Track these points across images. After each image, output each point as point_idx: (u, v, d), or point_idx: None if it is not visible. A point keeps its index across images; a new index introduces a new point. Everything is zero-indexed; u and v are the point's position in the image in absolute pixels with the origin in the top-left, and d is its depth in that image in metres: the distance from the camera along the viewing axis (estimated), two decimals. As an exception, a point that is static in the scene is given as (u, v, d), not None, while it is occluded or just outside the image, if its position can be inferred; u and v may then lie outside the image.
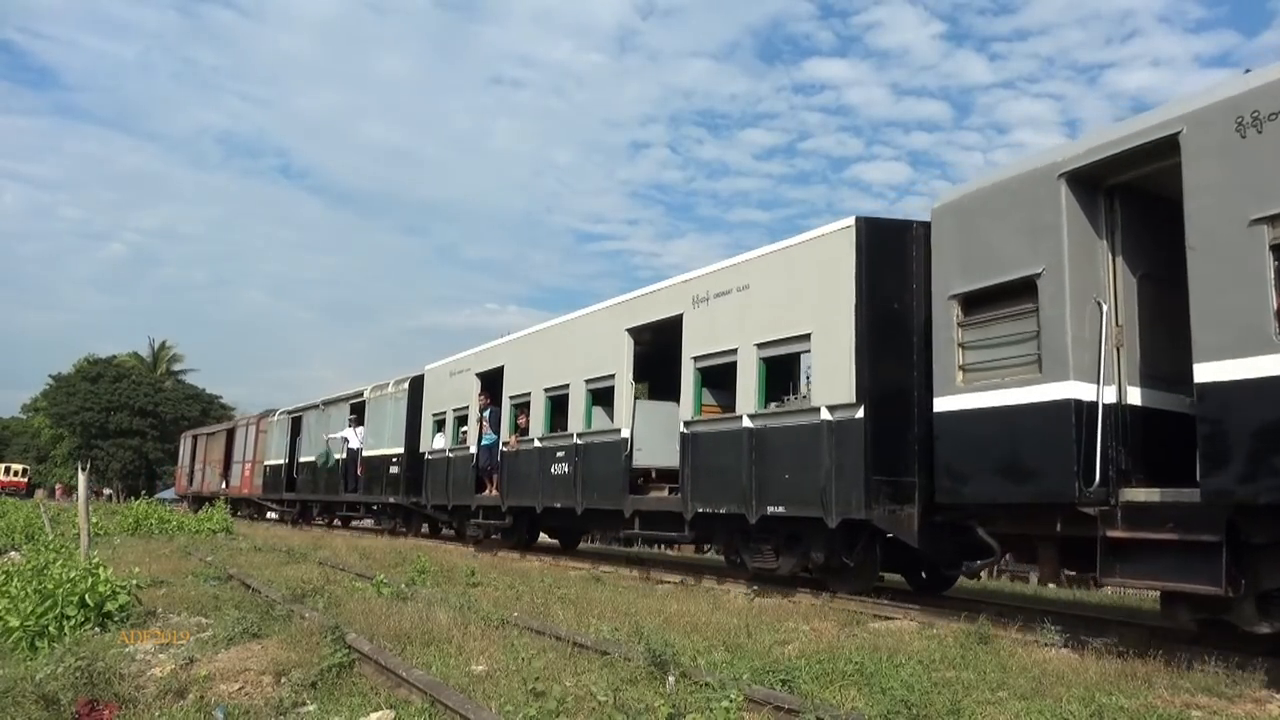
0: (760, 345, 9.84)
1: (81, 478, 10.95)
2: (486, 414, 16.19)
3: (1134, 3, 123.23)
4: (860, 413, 8.45)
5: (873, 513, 8.23)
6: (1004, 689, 5.21)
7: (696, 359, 10.93)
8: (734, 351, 10.20)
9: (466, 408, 17.09)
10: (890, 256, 8.71)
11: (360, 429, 22.30)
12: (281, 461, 27.29)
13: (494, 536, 17.30)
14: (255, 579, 10.07)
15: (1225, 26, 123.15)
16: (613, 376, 12.50)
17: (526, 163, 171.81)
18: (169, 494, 55.86)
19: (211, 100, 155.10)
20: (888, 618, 8.24)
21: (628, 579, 11.56)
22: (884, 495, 8.27)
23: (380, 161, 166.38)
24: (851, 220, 8.79)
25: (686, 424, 10.85)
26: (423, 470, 18.63)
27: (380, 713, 4.81)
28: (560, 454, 13.48)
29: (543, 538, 18.27)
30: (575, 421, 13.23)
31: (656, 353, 12.41)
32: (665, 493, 11.86)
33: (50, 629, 6.98)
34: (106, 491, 55.81)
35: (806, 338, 9.25)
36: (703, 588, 10.51)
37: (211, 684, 5.47)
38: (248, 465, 30.68)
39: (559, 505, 13.51)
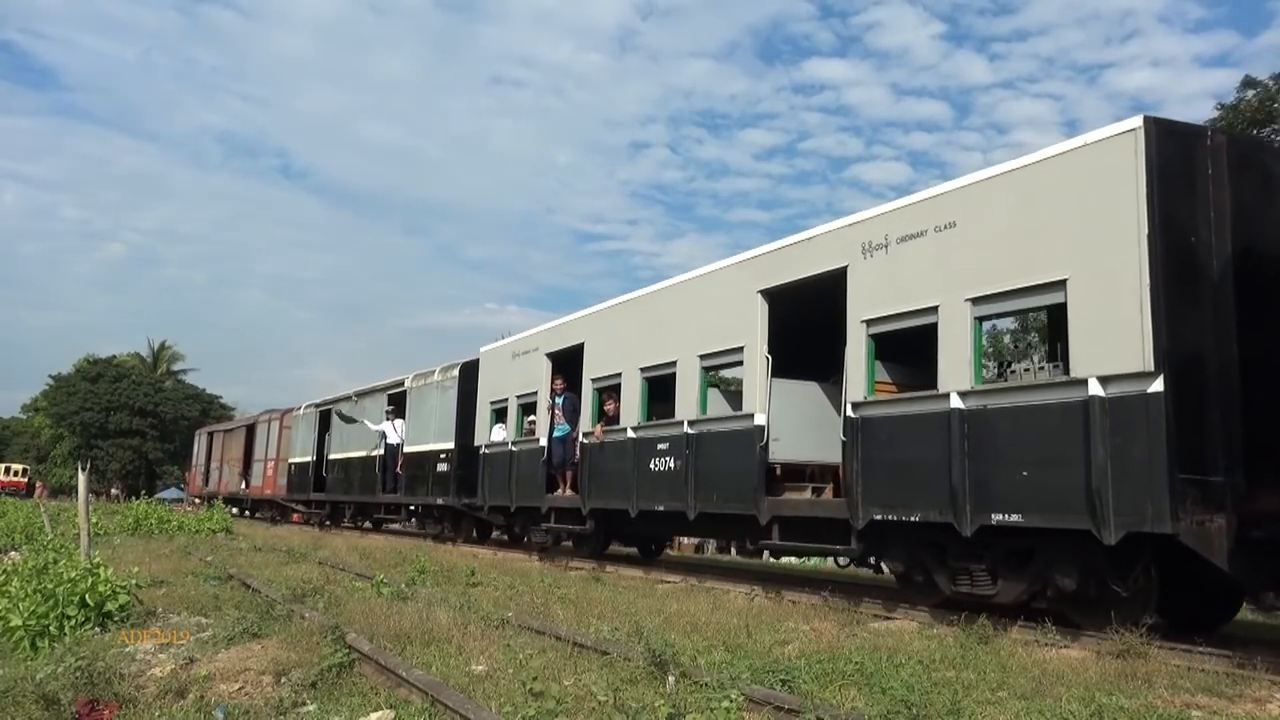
0: (976, 300, 7.53)
1: (81, 478, 10.95)
2: (560, 401, 14.00)
3: (1134, 3, 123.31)
4: (1157, 385, 6.15)
5: (1179, 524, 6.02)
6: (1004, 689, 5.21)
7: (869, 323, 8.53)
8: (930, 310, 7.88)
9: (534, 394, 14.71)
10: (1184, 174, 6.64)
11: (399, 422, 20.19)
12: (308, 459, 25.02)
13: (564, 543, 15.13)
14: (255, 579, 10.08)
15: (1225, 27, 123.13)
16: (740, 350, 10.15)
17: (526, 163, 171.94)
18: (169, 494, 55.95)
19: (211, 100, 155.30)
20: (888, 618, 8.24)
21: (628, 579, 11.55)
22: (1190, 501, 6.11)
23: (380, 161, 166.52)
24: (1138, 122, 6.54)
25: (855, 406, 8.51)
26: (478, 467, 16.31)
27: (380, 713, 4.81)
28: (663, 446, 11.23)
29: (612, 546, 15.47)
30: (686, 407, 10.94)
31: (795, 320, 10.15)
32: (807, 493, 9.79)
33: (50, 629, 6.99)
34: (114, 491, 55.60)
35: (1058, 285, 6.88)
36: (703, 588, 10.50)
37: (211, 684, 5.47)
38: (270, 464, 28.60)
39: (661, 508, 11.16)
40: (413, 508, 20.08)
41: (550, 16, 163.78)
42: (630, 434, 11.95)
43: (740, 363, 10.20)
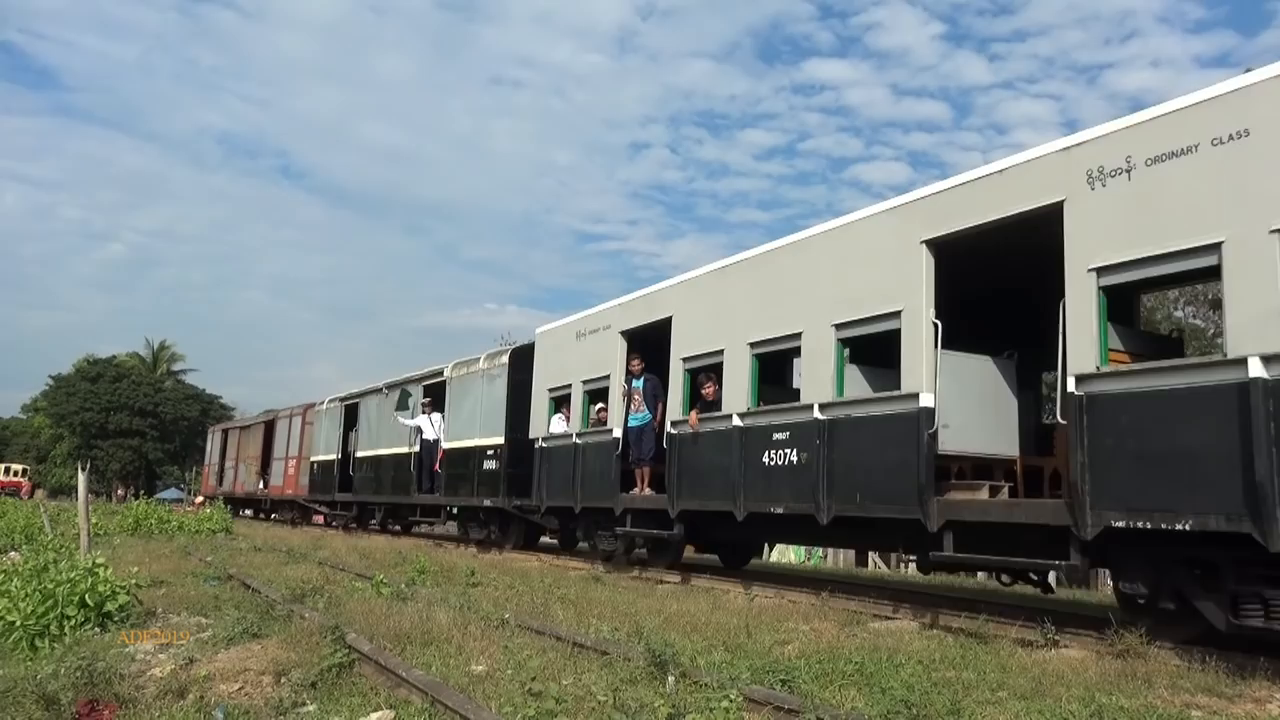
0: None
1: (81, 478, 10.97)
2: (639, 384, 12.18)
3: (1133, 3, 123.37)
4: None
5: None
6: (1004, 689, 5.20)
7: (1102, 271, 6.63)
8: (1207, 250, 6.00)
9: (605, 378, 12.84)
10: None
11: (437, 416, 18.33)
12: (333, 457, 23.33)
13: (639, 550, 13.02)
14: (255, 579, 10.07)
15: (1224, 27, 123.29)
16: (895, 316, 8.20)
17: (526, 163, 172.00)
18: (169, 494, 55.94)
19: (211, 100, 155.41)
20: (888, 618, 8.24)
21: (628, 579, 11.54)
22: None
23: (380, 162, 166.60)
24: None
25: (1081, 380, 6.66)
26: (535, 464, 14.38)
27: (380, 713, 4.81)
28: (782, 436, 9.36)
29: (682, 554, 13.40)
30: (815, 387, 9.04)
31: (966, 278, 8.26)
32: (984, 493, 7.88)
33: (50, 629, 6.99)
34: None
35: None
36: (703, 588, 10.49)
37: (211, 684, 5.47)
38: (291, 462, 26.66)
39: (779, 511, 9.29)
40: (453, 510, 18.32)
41: (550, 17, 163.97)
42: (736, 422, 10.03)
43: (896, 331, 8.20)
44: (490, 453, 15.93)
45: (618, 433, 12.32)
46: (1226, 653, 5.97)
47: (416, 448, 18.70)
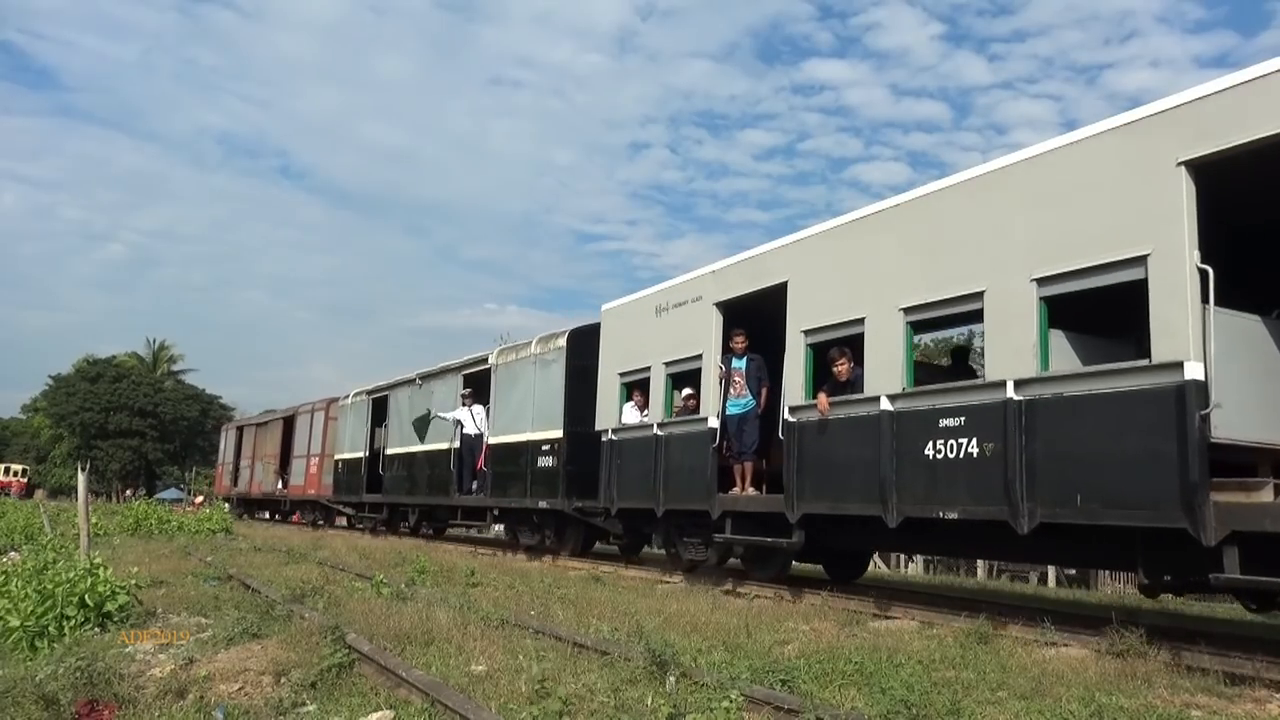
0: None
1: (81, 478, 10.96)
2: (741, 364, 10.35)
3: (1133, 3, 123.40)
4: None
5: None
6: (1004, 689, 5.21)
7: None
8: None
9: (695, 358, 10.95)
10: None
11: (479, 408, 16.68)
12: (360, 454, 21.71)
13: (734, 558, 11.48)
14: (255, 579, 10.07)
15: (1224, 27, 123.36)
16: (1136, 263, 6.29)
17: (526, 163, 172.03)
18: (169, 494, 55.94)
19: (211, 101, 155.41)
20: (888, 618, 8.24)
21: (628, 579, 11.53)
22: None
23: (380, 162, 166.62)
24: None
25: None
26: (603, 460, 12.56)
27: (380, 713, 4.81)
28: (954, 423, 7.50)
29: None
30: (1006, 359, 7.09)
31: (1226, 213, 6.61)
32: (1266, 494, 5.91)
33: (50, 629, 6.98)
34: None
35: None
36: (703, 588, 10.49)
37: (211, 684, 5.47)
38: (313, 460, 25.04)
39: (953, 515, 7.41)
40: (497, 512, 16.62)
41: (550, 17, 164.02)
42: (885, 405, 8.15)
43: (1138, 283, 6.27)
44: (546, 448, 14.15)
45: (714, 422, 10.45)
46: (1226, 653, 5.97)
47: (456, 443, 16.91)
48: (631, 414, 12.28)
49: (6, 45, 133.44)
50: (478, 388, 16.93)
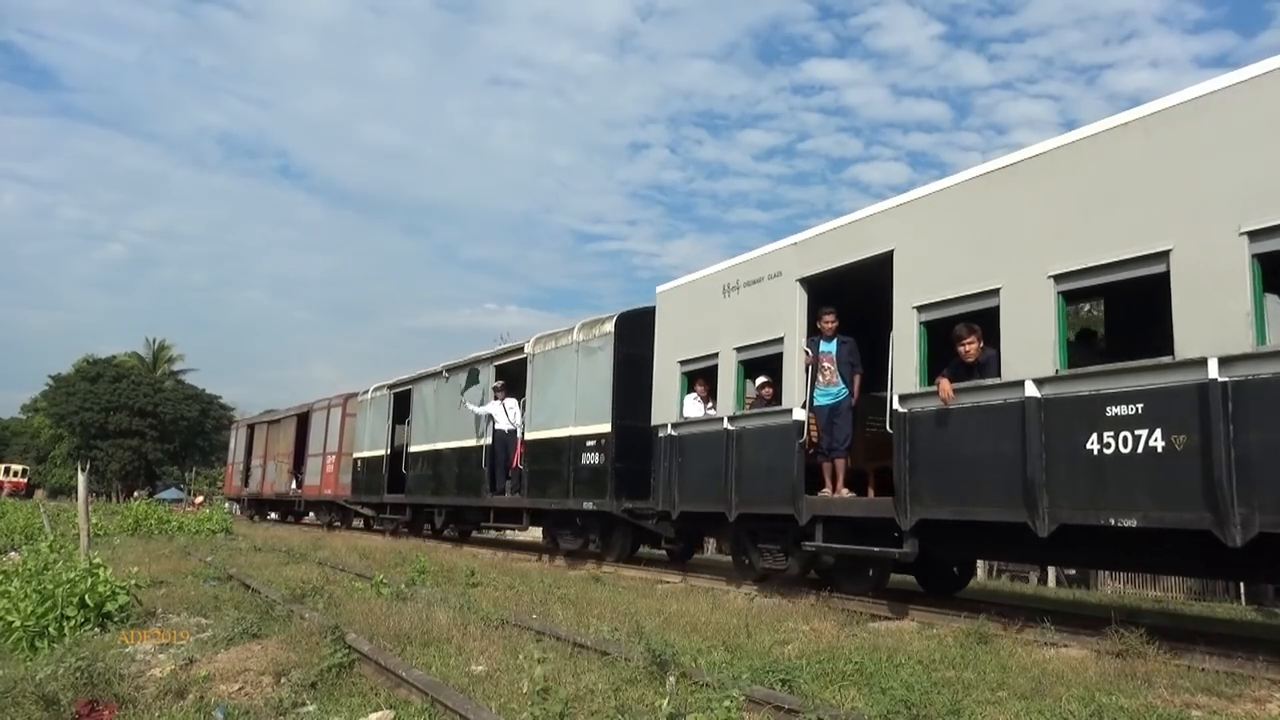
0: None
1: (81, 478, 10.96)
2: (832, 348, 9.26)
3: (1132, 4, 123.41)
4: None
5: None
6: (1004, 689, 5.20)
7: None
8: None
9: (774, 342, 9.66)
10: None
11: (513, 402, 15.61)
12: (381, 453, 20.71)
13: (823, 565, 10.13)
14: (255, 579, 10.07)
15: (1224, 27, 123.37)
16: None
17: (526, 163, 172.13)
18: (169, 494, 55.94)
19: (211, 101, 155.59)
20: (888, 618, 8.23)
21: (628, 579, 11.53)
22: None
23: (380, 162, 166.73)
24: None
25: None
26: (659, 457, 11.41)
27: (380, 713, 4.81)
28: (1129, 411, 6.28)
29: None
30: (1198, 331, 5.91)
31: None
32: None
33: (50, 629, 6.99)
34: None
35: None
36: (703, 588, 10.48)
37: (211, 684, 5.47)
38: (330, 459, 24.06)
39: (1129, 524, 6.19)
40: (538, 513, 15.17)
41: (550, 17, 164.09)
42: (1031, 391, 6.92)
43: None
44: (591, 444, 12.93)
45: (800, 414, 9.20)
46: (1226, 653, 5.97)
47: (487, 440, 15.77)
48: (694, 406, 11.09)
49: (6, 45, 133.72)
50: (510, 380, 15.82)
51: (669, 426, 11.29)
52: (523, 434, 15.00)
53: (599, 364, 13.04)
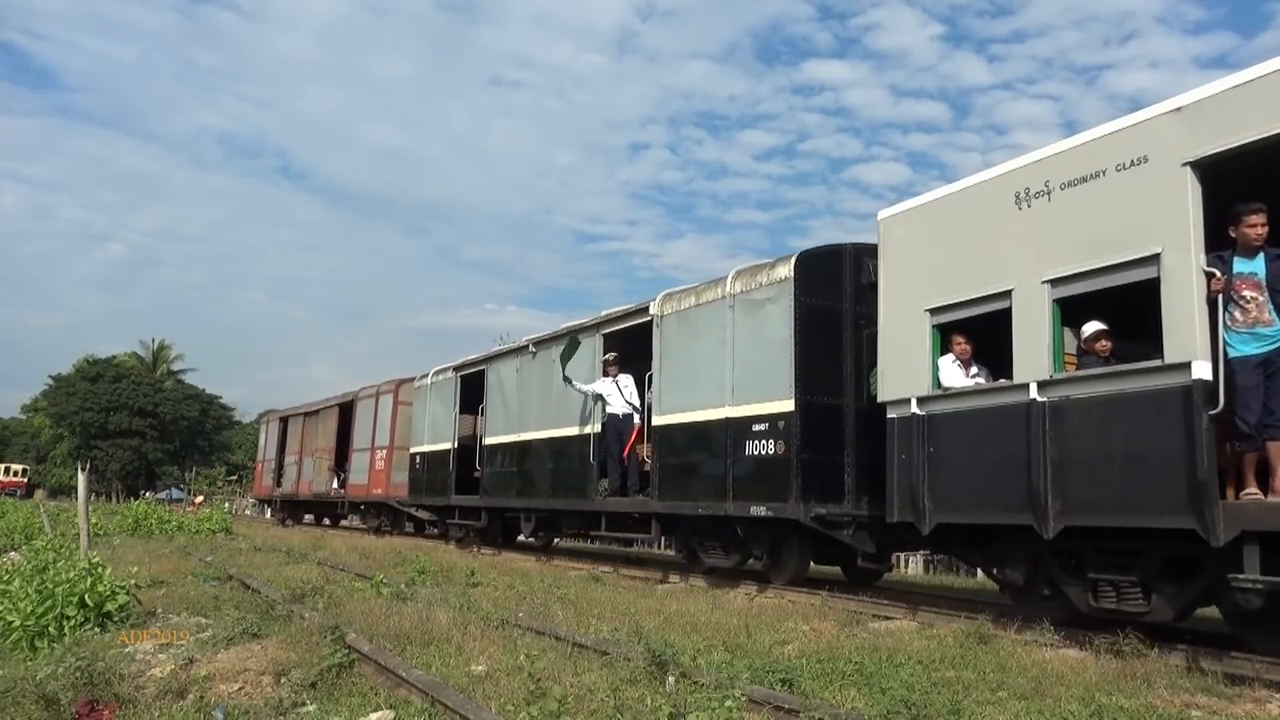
0: None
1: (81, 478, 10.97)
2: (1258, 267, 5.95)
3: (1132, 4, 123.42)
4: None
5: None
6: (1004, 689, 5.20)
7: None
8: None
9: (1136, 264, 6.26)
10: None
11: (626, 378, 12.45)
12: (446, 446, 17.25)
13: (1236, 608, 6.04)
14: (255, 579, 10.07)
15: (1223, 28, 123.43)
16: None
17: (526, 163, 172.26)
18: (173, 494, 55.89)
19: (211, 101, 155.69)
20: (888, 618, 8.23)
21: (628, 579, 11.52)
22: None
23: (380, 162, 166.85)
24: None
25: None
26: (898, 444, 8.09)
27: (380, 713, 4.81)
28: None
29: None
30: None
31: None
32: None
33: (50, 629, 6.98)
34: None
35: None
36: (703, 588, 10.48)
37: (211, 684, 5.47)
38: (379, 454, 21.07)
39: None
40: (677, 520, 11.42)
41: (549, 17, 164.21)
42: None
43: None
44: (761, 428, 9.69)
45: (1202, 370, 5.83)
46: (1226, 653, 5.97)
47: (597, 427, 12.57)
48: (953, 372, 7.96)
49: (6, 45, 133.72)
50: (629, 351, 12.62)
51: (912, 403, 8.03)
52: (649, 417, 11.82)
53: (771, 320, 9.78)
